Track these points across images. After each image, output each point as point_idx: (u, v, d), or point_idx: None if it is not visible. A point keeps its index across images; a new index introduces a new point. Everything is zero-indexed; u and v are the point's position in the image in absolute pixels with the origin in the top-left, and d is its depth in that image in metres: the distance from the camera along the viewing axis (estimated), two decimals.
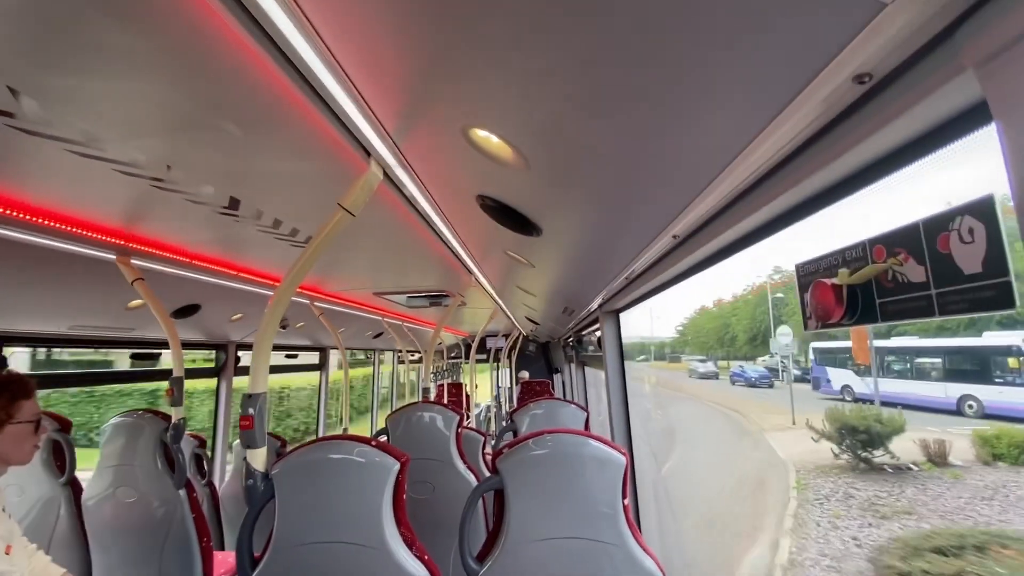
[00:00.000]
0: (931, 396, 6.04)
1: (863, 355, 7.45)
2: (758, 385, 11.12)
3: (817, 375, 8.73)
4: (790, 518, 5.60)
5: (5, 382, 1.37)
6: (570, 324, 4.51)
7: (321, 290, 3.38)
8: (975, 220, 0.58)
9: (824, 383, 8.39)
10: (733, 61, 0.57)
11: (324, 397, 5.41)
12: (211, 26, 0.72)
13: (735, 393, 11.41)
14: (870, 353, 7.23)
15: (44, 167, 1.23)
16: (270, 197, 1.56)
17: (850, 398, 7.64)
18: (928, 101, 0.54)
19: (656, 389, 14.80)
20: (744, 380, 11.63)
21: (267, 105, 0.97)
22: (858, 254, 0.76)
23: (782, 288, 10.82)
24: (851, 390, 7.72)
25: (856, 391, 7.65)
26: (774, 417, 8.73)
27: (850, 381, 7.81)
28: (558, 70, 0.70)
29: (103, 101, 0.95)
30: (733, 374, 11.82)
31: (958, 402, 5.71)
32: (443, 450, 2.34)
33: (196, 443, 2.78)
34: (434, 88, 0.91)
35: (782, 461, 6.99)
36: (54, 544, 2.09)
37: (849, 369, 7.94)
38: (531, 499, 1.37)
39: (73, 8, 0.68)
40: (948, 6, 0.46)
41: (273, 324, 1.37)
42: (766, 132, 0.68)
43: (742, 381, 11.56)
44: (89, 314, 2.36)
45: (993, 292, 0.55)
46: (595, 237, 1.59)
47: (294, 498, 1.37)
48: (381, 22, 0.71)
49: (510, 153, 1.06)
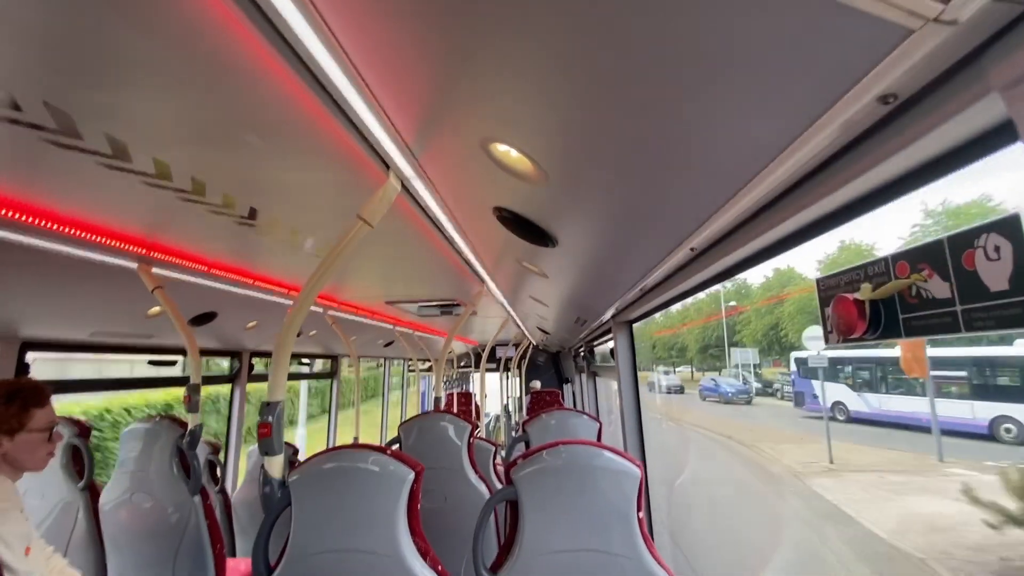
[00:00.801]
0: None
1: (918, 367, 5.63)
2: (734, 401, 9.27)
3: (801, 390, 7.24)
4: None
5: (17, 390, 1.36)
6: (582, 334, 4.50)
7: (335, 298, 3.42)
8: (1001, 238, 0.58)
9: (809, 399, 7.02)
10: (757, 81, 0.58)
11: (335, 405, 5.43)
12: (237, 40, 0.75)
13: (710, 411, 9.17)
14: (926, 365, 5.42)
15: (73, 179, 1.27)
16: (289, 208, 1.59)
17: (843, 417, 6.42)
18: (952, 122, 0.54)
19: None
20: (717, 395, 9.40)
21: (290, 118, 1.00)
22: (880, 269, 0.76)
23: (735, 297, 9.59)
24: (844, 408, 6.48)
25: (851, 409, 6.31)
26: (792, 449, 6.42)
27: (843, 397, 6.52)
28: (577, 86, 0.72)
29: (133, 115, 0.98)
30: (704, 388, 9.67)
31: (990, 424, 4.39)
32: (455, 460, 2.34)
33: (210, 449, 2.80)
34: (455, 103, 0.93)
35: (885, 543, 3.49)
36: (72, 547, 2.12)
37: (841, 383, 6.65)
38: (545, 510, 1.37)
39: (106, 26, 0.71)
40: (974, 32, 0.46)
41: (292, 332, 1.39)
42: (788, 150, 0.69)
43: (715, 396, 9.39)
44: (110, 321, 2.41)
45: (1020, 310, 0.55)
46: (611, 249, 1.60)
47: (310, 506, 1.38)
48: (403, 37, 0.73)
49: (530, 167, 1.07)
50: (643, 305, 2.29)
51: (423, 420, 2.44)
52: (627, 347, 2.79)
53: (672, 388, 11.31)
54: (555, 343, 7.56)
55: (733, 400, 9.12)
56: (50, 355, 2.39)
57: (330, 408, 5.45)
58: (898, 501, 3.83)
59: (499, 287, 3.12)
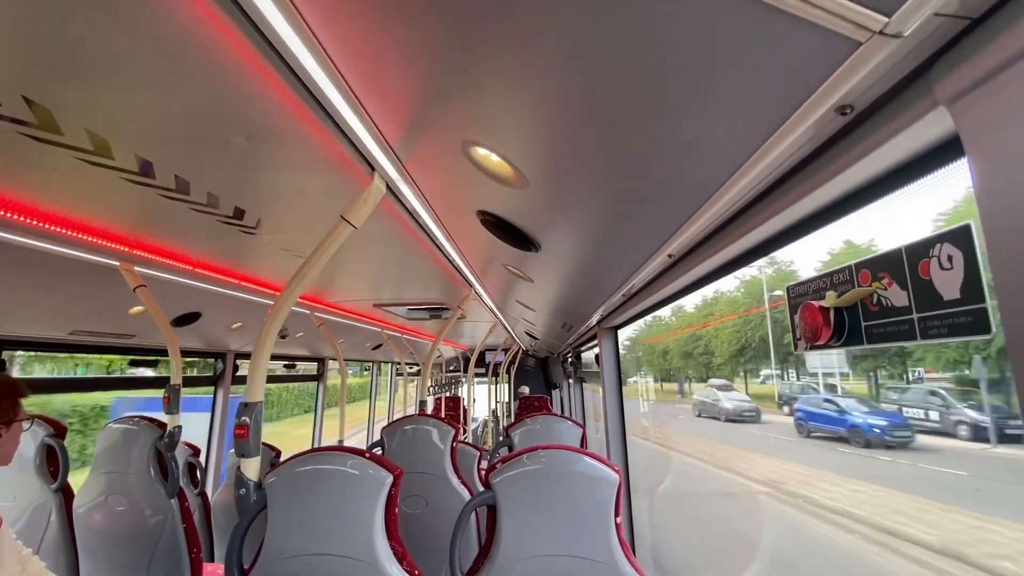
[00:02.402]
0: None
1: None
2: (892, 443, 3.84)
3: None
4: None
5: (11, 383, 1.40)
6: (569, 339, 4.51)
7: (322, 300, 3.40)
8: (954, 247, 0.60)
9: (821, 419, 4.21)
10: (724, 88, 0.60)
11: (321, 408, 5.39)
12: (221, 41, 0.75)
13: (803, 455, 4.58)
14: None
15: (53, 174, 1.26)
16: (274, 208, 1.59)
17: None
18: (906, 134, 0.56)
19: None
20: (838, 429, 4.28)
21: (274, 119, 1.00)
22: (845, 277, 0.78)
23: None
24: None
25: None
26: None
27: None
28: (553, 95, 0.73)
29: (115, 111, 0.98)
30: (806, 414, 4.71)
31: None
32: (437, 464, 2.32)
33: (190, 452, 2.76)
34: (436, 106, 0.94)
35: None
36: (43, 551, 2.07)
37: None
38: (522, 515, 1.36)
39: (87, 21, 0.71)
40: (921, 46, 0.48)
41: (272, 333, 1.39)
42: (755, 157, 0.71)
43: (830, 429, 4.41)
44: (90, 320, 2.38)
45: (970, 318, 0.57)
46: (593, 254, 1.61)
47: (286, 509, 1.36)
48: (386, 40, 0.74)
49: (509, 171, 1.09)
50: (627, 310, 2.31)
51: (406, 423, 2.43)
52: (612, 353, 2.80)
53: (742, 414, 6.92)
54: (544, 348, 7.57)
55: (891, 441, 4.20)
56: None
57: (316, 411, 5.41)
58: None
59: (487, 291, 3.12)
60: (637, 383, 10.15)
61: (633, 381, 10.44)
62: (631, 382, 10.22)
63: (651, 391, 9.87)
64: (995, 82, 0.44)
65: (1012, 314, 0.44)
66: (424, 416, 2.46)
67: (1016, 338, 0.44)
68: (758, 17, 0.47)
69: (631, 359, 10.15)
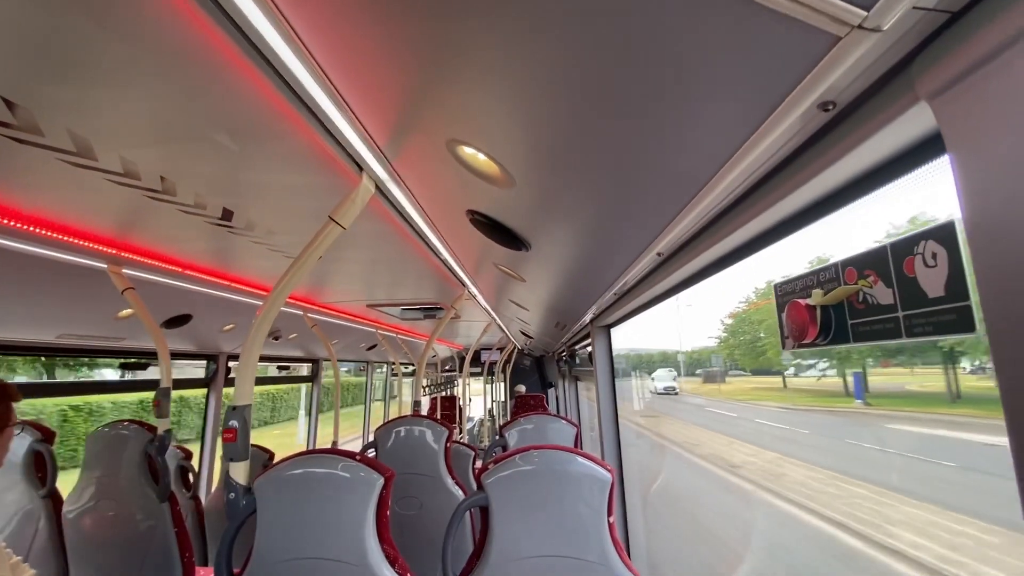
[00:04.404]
0: None
1: None
2: None
3: None
4: None
5: (2, 387, 1.36)
6: (563, 338, 4.51)
7: (315, 301, 3.38)
8: (938, 245, 0.59)
9: None
10: (707, 84, 0.60)
11: (315, 409, 5.36)
12: (205, 41, 0.74)
13: None
14: None
15: (37, 176, 1.24)
16: (264, 209, 1.57)
17: None
18: (888, 130, 0.56)
19: None
20: None
21: (261, 119, 0.99)
22: (831, 275, 0.78)
23: None
24: None
25: None
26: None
27: None
28: (537, 94, 0.73)
29: (98, 112, 0.97)
30: None
31: None
32: (431, 465, 2.32)
33: (182, 455, 2.74)
34: (421, 106, 0.94)
35: None
36: (31, 558, 2.05)
37: None
38: (515, 516, 1.36)
39: (69, 21, 0.70)
40: (901, 40, 0.48)
41: (261, 335, 1.37)
42: (740, 153, 0.70)
43: None
44: (78, 323, 2.35)
45: (954, 316, 0.56)
46: (583, 253, 1.61)
47: (276, 512, 1.35)
48: (370, 40, 0.73)
49: (496, 171, 1.08)
50: (619, 309, 2.31)
51: (399, 424, 2.42)
52: (605, 351, 2.80)
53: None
54: (539, 347, 7.57)
55: None
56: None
57: (310, 412, 5.38)
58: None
59: (480, 290, 3.11)
60: None
61: None
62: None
63: None
64: (975, 77, 0.44)
65: (994, 311, 0.44)
66: (418, 417, 2.45)
67: (998, 336, 0.43)
68: (739, 12, 0.46)
69: None
